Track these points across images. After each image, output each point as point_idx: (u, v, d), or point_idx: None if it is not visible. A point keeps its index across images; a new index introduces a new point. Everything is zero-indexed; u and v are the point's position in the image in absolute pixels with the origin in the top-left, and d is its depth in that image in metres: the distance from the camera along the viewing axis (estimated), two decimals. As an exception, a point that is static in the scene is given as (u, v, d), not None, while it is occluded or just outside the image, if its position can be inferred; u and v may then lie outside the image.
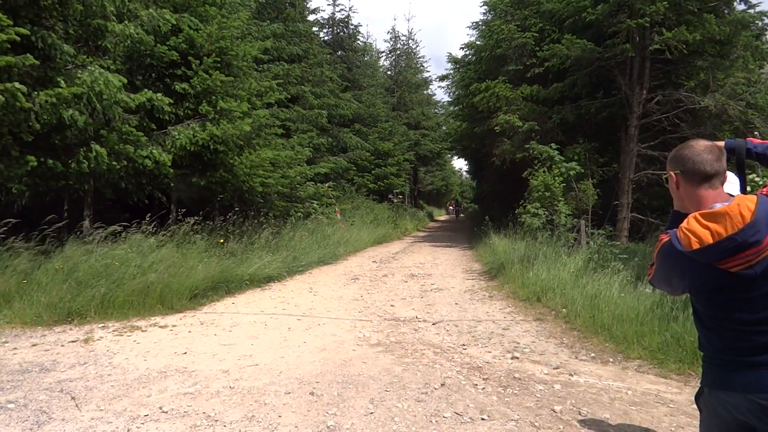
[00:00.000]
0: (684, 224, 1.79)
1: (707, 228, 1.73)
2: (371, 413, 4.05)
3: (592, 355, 5.71)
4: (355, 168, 23.38)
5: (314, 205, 15.86)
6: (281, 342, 6.02)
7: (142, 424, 3.83)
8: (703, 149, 1.92)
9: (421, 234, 25.75)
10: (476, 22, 21.83)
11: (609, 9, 12.87)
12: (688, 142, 1.99)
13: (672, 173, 1.98)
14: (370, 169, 25.45)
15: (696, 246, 1.73)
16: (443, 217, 47.53)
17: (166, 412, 4.03)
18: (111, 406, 4.15)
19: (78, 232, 8.89)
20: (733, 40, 12.74)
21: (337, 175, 20.67)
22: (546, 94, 15.24)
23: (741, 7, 13.79)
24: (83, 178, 9.05)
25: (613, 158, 14.96)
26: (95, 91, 8.41)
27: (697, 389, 2.12)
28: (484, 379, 4.88)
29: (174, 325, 6.69)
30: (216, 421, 3.89)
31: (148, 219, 9.21)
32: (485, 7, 20.80)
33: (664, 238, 1.86)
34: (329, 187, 17.40)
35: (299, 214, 14.83)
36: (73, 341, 5.96)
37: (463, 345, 6.02)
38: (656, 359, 5.39)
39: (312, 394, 4.41)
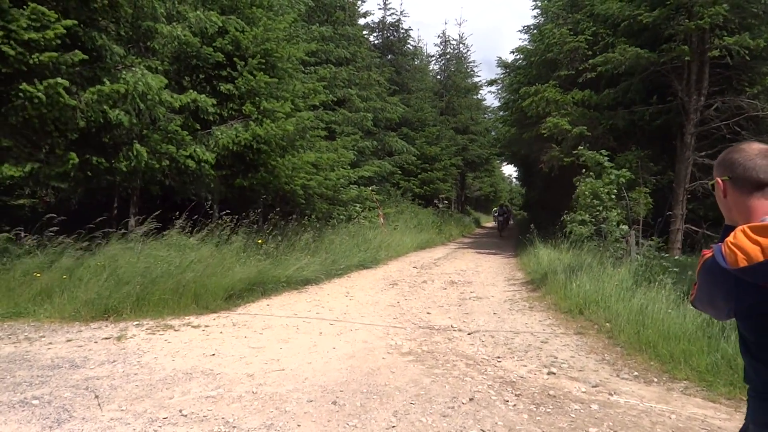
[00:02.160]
0: (730, 238, 1.55)
1: (757, 243, 1.48)
2: (393, 427, 3.88)
3: (635, 373, 5.38)
4: (400, 172, 23.24)
5: (357, 208, 15.80)
6: (311, 347, 5.92)
7: (160, 427, 3.77)
8: (756, 153, 1.68)
9: (466, 240, 25.39)
10: (528, 26, 21.46)
11: (666, 12, 12.35)
12: (739, 145, 1.75)
13: (719, 179, 1.75)
14: (416, 173, 25.31)
15: (743, 263, 1.48)
16: (490, 224, 45.87)
17: (186, 416, 3.96)
18: (132, 407, 4.11)
19: (123, 230, 9.04)
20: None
21: (382, 179, 20.58)
22: (597, 100, 14.76)
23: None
24: (128, 176, 9.22)
25: (667, 167, 14.33)
26: (138, 92, 8.54)
27: (743, 421, 1.86)
28: (516, 395, 4.64)
29: (207, 326, 6.69)
30: (234, 427, 3.80)
31: (186, 218, 9.27)
32: (537, 10, 20.40)
33: (707, 253, 1.63)
34: (373, 190, 17.31)
35: (341, 216, 14.80)
36: (106, 338, 6.00)
37: (498, 357, 5.78)
38: (705, 381, 5.03)
39: (334, 403, 4.27)
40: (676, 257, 9.67)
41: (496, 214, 32.35)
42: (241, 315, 7.34)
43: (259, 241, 9.89)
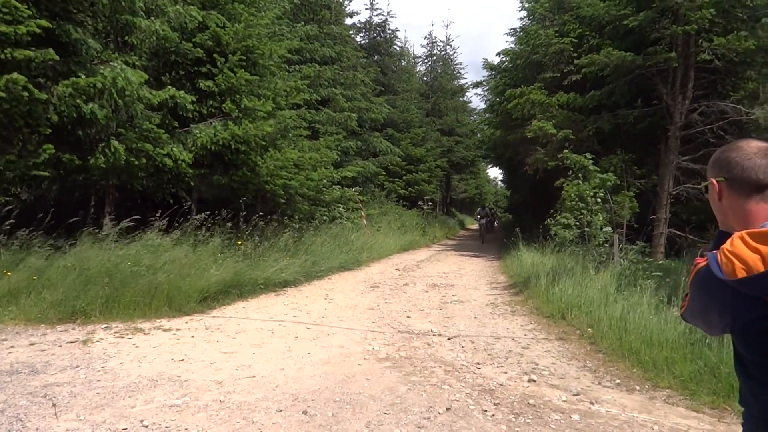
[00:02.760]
0: (727, 246, 1.38)
1: (757, 251, 1.32)
2: (365, 439, 3.71)
3: (617, 381, 5.25)
4: (385, 173, 23.07)
5: (340, 209, 15.60)
6: (285, 352, 5.72)
7: (117, 438, 3.57)
8: (755, 152, 1.51)
9: (450, 242, 25.28)
10: (514, 29, 21.39)
11: (652, 15, 12.31)
12: (736, 143, 1.58)
13: (714, 180, 1.57)
14: (401, 174, 25.14)
15: (741, 274, 1.32)
16: (475, 226, 44.87)
17: (147, 427, 3.76)
18: (91, 416, 3.90)
19: (97, 230, 8.78)
20: (786, 48, 12.03)
21: (366, 180, 20.39)
22: (582, 102, 14.70)
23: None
24: (104, 173, 8.96)
25: (651, 170, 14.31)
26: (117, 87, 8.29)
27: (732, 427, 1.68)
28: (495, 404, 4.48)
29: (178, 329, 6.46)
30: (196, 439, 3.60)
31: (163, 218, 9.03)
32: (524, 12, 20.35)
33: (701, 262, 1.45)
34: (356, 191, 17.12)
35: (324, 217, 14.59)
36: (72, 342, 5.77)
37: (478, 364, 5.62)
38: (688, 390, 4.90)
39: (305, 413, 4.08)
40: (660, 261, 9.59)
41: (479, 216, 28.03)
42: (215, 318, 7.12)
43: (238, 243, 9.66)
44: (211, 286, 7.83)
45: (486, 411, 4.30)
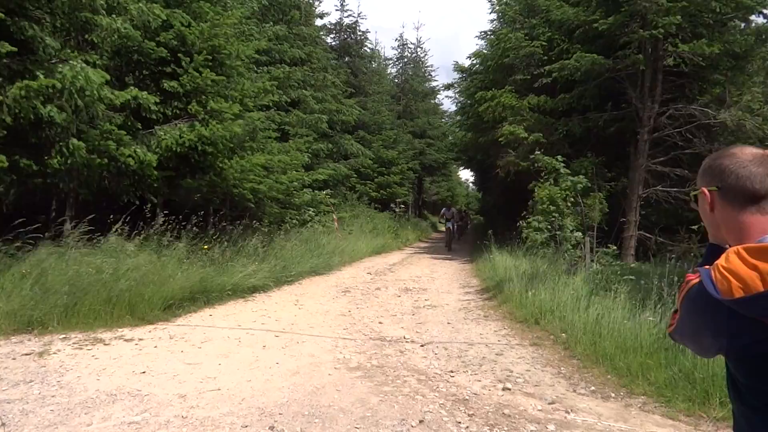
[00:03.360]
0: (722, 261, 1.25)
1: (755, 269, 1.19)
2: (335, 456, 3.53)
3: (592, 388, 5.16)
4: (356, 175, 22.89)
5: (310, 212, 15.37)
6: (252, 362, 5.51)
7: (69, 461, 3.33)
8: (750, 159, 1.38)
9: (423, 245, 25.20)
10: (485, 32, 21.40)
11: (621, 19, 12.39)
12: (729, 149, 1.45)
13: (705, 190, 1.44)
14: (373, 177, 24.99)
15: (739, 293, 1.19)
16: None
17: (102, 447, 3.53)
18: (43, 436, 3.65)
19: (56, 235, 8.43)
20: (752, 53, 12.23)
21: (337, 182, 20.19)
22: (553, 105, 14.75)
23: (760, 20, 13.27)
24: (63, 176, 8.62)
25: (621, 173, 14.42)
26: (76, 87, 7.96)
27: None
28: (469, 415, 4.35)
29: (141, 339, 6.19)
30: (155, 460, 3.39)
31: (126, 222, 8.71)
32: (494, 15, 20.40)
33: (692, 278, 1.33)
34: (327, 194, 16.90)
35: (294, 221, 14.35)
36: (26, 354, 5.47)
37: (451, 372, 5.49)
38: (663, 396, 4.84)
39: (272, 428, 3.89)
40: (631, 264, 9.61)
41: (444, 219, 23.08)
42: (179, 327, 6.86)
43: (204, 247, 9.38)
44: (176, 293, 7.55)
45: (460, 423, 4.16)
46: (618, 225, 13.27)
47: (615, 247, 10.45)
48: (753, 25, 13.08)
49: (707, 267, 1.30)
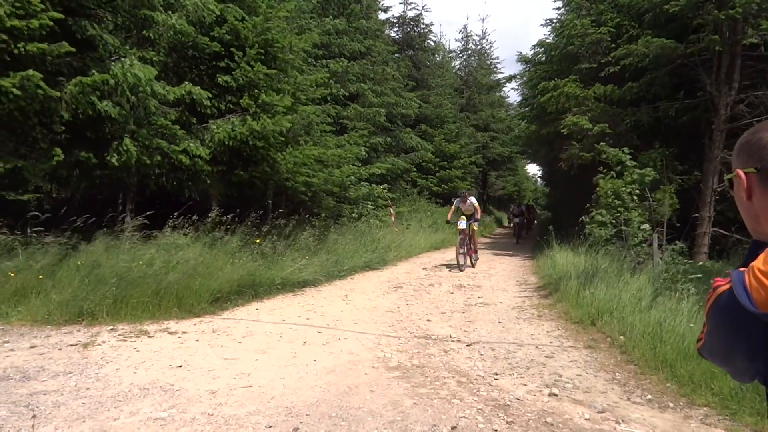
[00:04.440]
0: (759, 263, 0.99)
1: None
2: (356, 463, 3.35)
3: (649, 397, 4.75)
4: (416, 170, 22.62)
5: (367, 206, 15.24)
6: (289, 358, 5.41)
7: (87, 457, 3.29)
8: None
9: (485, 240, 24.62)
10: (549, 20, 20.64)
11: (695, 1, 11.58)
12: None
13: (740, 172, 1.15)
14: (434, 171, 24.64)
15: None
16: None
17: (123, 443, 3.48)
18: (70, 430, 3.64)
19: (115, 228, 8.64)
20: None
21: (396, 177, 19.98)
22: (620, 95, 13.99)
23: None
24: (121, 171, 8.82)
25: (694, 166, 13.53)
26: (129, 83, 8.12)
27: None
28: (508, 422, 4.07)
29: (184, 332, 6.22)
30: (172, 459, 3.30)
31: (181, 216, 8.83)
32: (560, 2, 19.65)
33: (722, 284, 1.05)
34: (384, 188, 16.74)
35: (351, 215, 14.27)
36: (73, 345, 5.57)
37: (495, 374, 5.19)
38: (728, 409, 4.39)
39: (296, 430, 3.74)
40: (701, 263, 8.95)
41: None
42: (224, 320, 6.86)
43: (256, 241, 9.40)
44: (224, 286, 7.57)
45: (496, 430, 3.89)
46: (690, 221, 12.47)
47: (684, 245, 9.78)
48: None
49: (741, 269, 1.02)
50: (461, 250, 12.51)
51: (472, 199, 12.84)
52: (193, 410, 4.03)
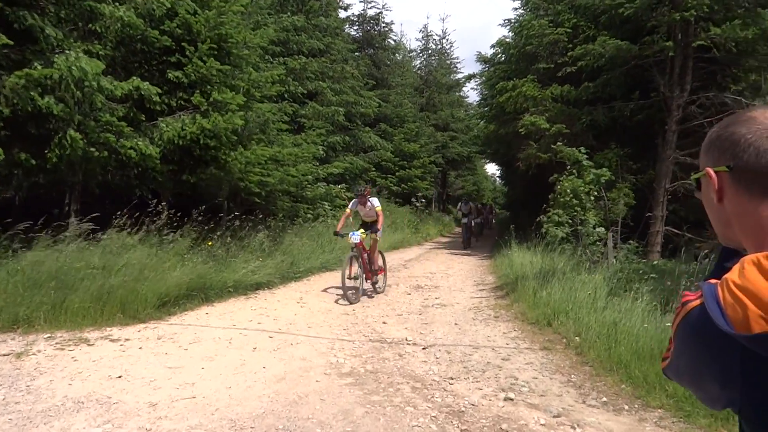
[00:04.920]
0: (734, 276, 0.85)
1: None
2: (301, 479, 3.17)
3: (604, 399, 4.71)
4: (375, 169, 22.46)
5: (325, 206, 15.01)
6: (237, 366, 5.18)
7: (7, 481, 3.03)
8: None
9: (443, 240, 24.67)
10: (508, 20, 20.76)
11: (648, 2, 11.73)
12: (746, 113, 1.00)
13: (711, 171, 1.01)
14: (394, 170, 24.52)
15: (760, 327, 0.79)
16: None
17: (49, 463, 3.23)
18: (-9, 449, 3.37)
19: (59, 230, 8.24)
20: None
21: (355, 176, 19.79)
22: (576, 95, 14.11)
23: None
24: (63, 169, 8.41)
25: (648, 165, 13.74)
26: (74, 77, 7.74)
27: None
28: (462, 429, 3.95)
29: (127, 339, 5.91)
30: (102, 480, 3.06)
31: (128, 217, 8.47)
32: (518, 2, 19.78)
33: (692, 299, 0.91)
34: (342, 188, 16.54)
35: (308, 215, 14.02)
36: (5, 354, 5.22)
37: (451, 378, 5.09)
38: (682, 411, 4.37)
39: (239, 444, 3.55)
40: (655, 262, 9.04)
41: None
42: (171, 326, 6.56)
43: (208, 243, 9.10)
44: (171, 290, 7.24)
45: (450, 439, 3.77)
46: (644, 220, 12.65)
47: (639, 244, 9.90)
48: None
49: (713, 281, 0.89)
50: (351, 273, 8.69)
51: (374, 201, 9.46)
52: (131, 425, 3.79)
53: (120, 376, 4.76)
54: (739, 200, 0.97)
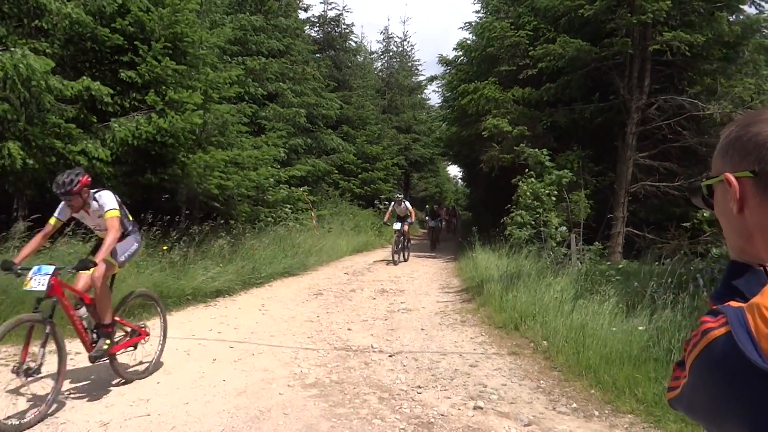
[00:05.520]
0: (766, 301, 0.72)
1: None
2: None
3: (574, 405, 4.62)
4: (338, 172, 22.23)
5: (286, 209, 14.72)
6: (196, 379, 4.92)
7: None
8: None
9: (408, 242, 24.53)
10: (469, 22, 20.81)
11: (608, 4, 11.87)
12: (767, 110, 0.87)
13: (730, 176, 0.87)
14: (357, 173, 24.32)
15: None
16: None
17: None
18: None
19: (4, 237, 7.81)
20: (742, 42, 11.75)
21: (317, 179, 19.53)
22: (537, 96, 14.20)
23: (751, 10, 12.80)
24: (6, 177, 7.96)
25: (608, 167, 13.91)
26: (21, 76, 7.33)
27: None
28: (432, 443, 3.80)
29: (78, 353, 5.56)
30: None
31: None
32: (479, 4, 19.84)
33: (712, 325, 0.76)
34: (304, 191, 16.28)
35: (269, 219, 13.72)
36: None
37: (419, 387, 4.93)
38: (652, 416, 4.30)
39: (196, 467, 3.32)
40: (621, 264, 9.09)
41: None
42: (125, 337, 6.24)
43: (164, 248, 8.75)
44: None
45: (420, 454, 3.60)
46: (606, 221, 12.79)
47: (602, 245, 9.96)
48: (743, 15, 12.63)
49: (737, 305, 0.74)
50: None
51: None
52: (78, 448, 3.52)
53: (68, 393, 4.45)
54: (765, 210, 0.84)
